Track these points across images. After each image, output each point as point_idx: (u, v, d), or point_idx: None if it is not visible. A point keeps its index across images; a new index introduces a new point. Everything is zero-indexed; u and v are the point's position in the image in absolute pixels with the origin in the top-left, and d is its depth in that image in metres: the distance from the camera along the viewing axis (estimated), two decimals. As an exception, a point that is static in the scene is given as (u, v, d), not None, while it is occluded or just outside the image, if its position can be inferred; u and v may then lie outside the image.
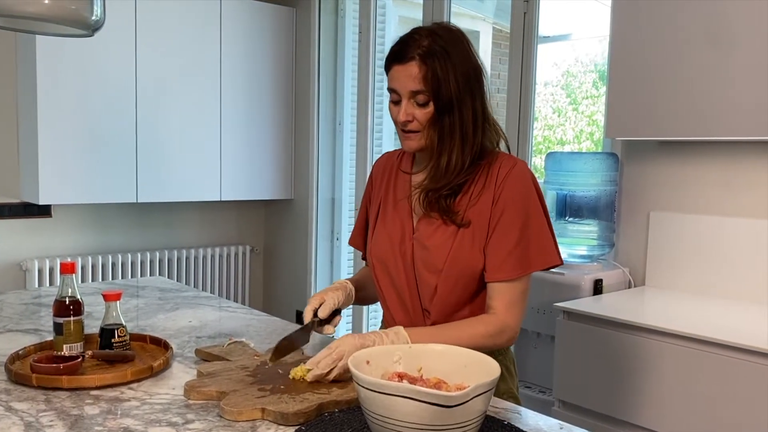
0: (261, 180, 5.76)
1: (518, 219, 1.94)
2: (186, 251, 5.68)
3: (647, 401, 2.81)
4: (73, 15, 2.03)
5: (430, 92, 1.89)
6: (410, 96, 1.92)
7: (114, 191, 4.96)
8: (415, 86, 1.90)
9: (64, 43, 4.48)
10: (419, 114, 1.93)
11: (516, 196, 1.95)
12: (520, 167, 1.99)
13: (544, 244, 1.97)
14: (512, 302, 1.95)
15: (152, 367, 1.86)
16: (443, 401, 1.31)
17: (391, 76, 1.95)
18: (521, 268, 1.94)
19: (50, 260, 5.01)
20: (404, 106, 1.93)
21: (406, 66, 1.90)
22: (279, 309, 6.06)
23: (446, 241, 1.98)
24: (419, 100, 1.91)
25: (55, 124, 4.63)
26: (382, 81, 5.29)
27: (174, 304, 2.80)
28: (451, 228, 1.98)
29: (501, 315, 1.94)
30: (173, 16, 5.10)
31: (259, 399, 1.63)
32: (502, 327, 1.93)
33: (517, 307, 1.97)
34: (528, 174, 2.00)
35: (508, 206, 1.94)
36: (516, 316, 1.97)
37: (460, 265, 1.96)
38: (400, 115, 1.94)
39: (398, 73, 1.92)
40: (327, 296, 2.04)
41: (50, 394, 1.71)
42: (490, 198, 1.96)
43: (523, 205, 1.95)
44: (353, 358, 1.52)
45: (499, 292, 1.95)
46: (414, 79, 1.89)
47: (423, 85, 1.89)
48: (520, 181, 1.97)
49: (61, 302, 1.96)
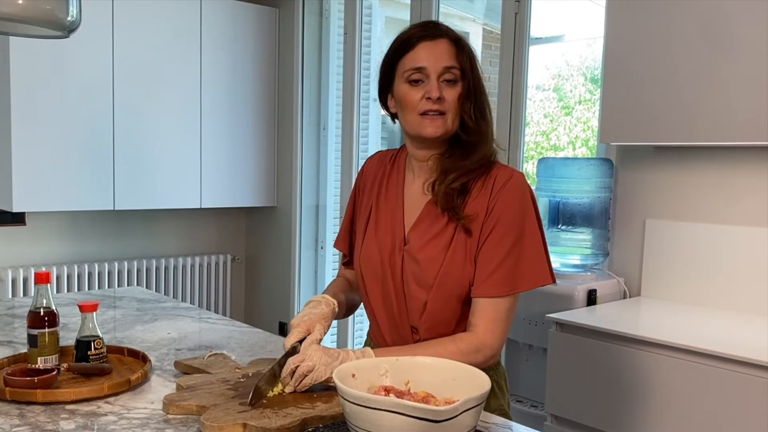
0: (242, 187, 5.76)
1: (511, 233, 1.92)
2: (165, 260, 5.67)
3: (642, 416, 2.82)
4: (48, 16, 2.03)
5: (461, 71, 1.91)
6: (442, 72, 1.91)
7: (90, 198, 4.94)
8: (448, 61, 1.91)
9: (38, 44, 4.46)
10: (449, 93, 1.92)
11: (510, 209, 1.93)
12: (517, 179, 1.98)
13: (535, 261, 1.94)
14: (494, 320, 1.92)
15: (130, 380, 1.86)
16: (431, 416, 1.31)
17: (417, 54, 1.93)
18: (508, 285, 1.91)
19: (24, 269, 4.98)
20: (434, 83, 1.91)
21: (437, 42, 1.92)
22: (261, 320, 6.06)
23: (438, 255, 1.96)
24: (449, 77, 1.92)
25: (29, 128, 4.62)
26: (368, 84, 5.30)
27: (152, 315, 2.80)
28: (444, 240, 1.96)
29: (480, 333, 1.91)
30: (152, 17, 5.09)
31: (240, 414, 1.63)
32: (478, 346, 1.90)
33: (500, 326, 1.93)
34: (525, 186, 1.98)
35: (501, 219, 1.92)
36: (497, 335, 1.92)
37: (451, 281, 1.94)
38: (433, 90, 1.91)
39: (427, 49, 1.92)
40: (315, 328, 1.92)
41: (24, 409, 1.71)
42: (484, 209, 1.94)
43: (517, 219, 1.93)
44: (338, 372, 1.52)
45: (482, 308, 1.92)
46: (447, 53, 1.91)
47: (455, 62, 1.91)
48: (517, 193, 1.95)
49: (36, 313, 1.96)
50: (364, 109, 5.33)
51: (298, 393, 1.78)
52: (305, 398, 1.75)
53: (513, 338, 3.54)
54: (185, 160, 5.37)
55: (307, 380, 1.76)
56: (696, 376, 2.65)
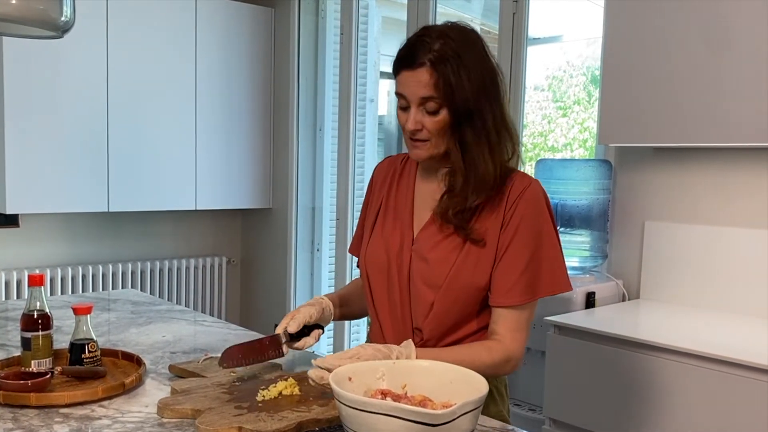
0: (238, 188, 5.76)
1: (530, 242, 1.92)
2: (160, 263, 5.67)
3: (642, 419, 2.82)
4: (42, 16, 2.03)
5: (443, 99, 1.86)
6: (420, 103, 1.88)
7: (84, 200, 4.94)
8: (425, 92, 1.86)
9: (32, 45, 4.46)
10: (429, 122, 1.89)
11: (528, 218, 1.93)
12: (534, 188, 1.96)
13: (554, 269, 1.95)
14: (517, 329, 1.94)
15: (124, 383, 1.86)
16: (428, 419, 1.31)
17: (400, 81, 1.91)
18: (530, 294, 1.92)
19: (18, 272, 4.98)
20: (413, 113, 1.89)
21: (416, 72, 1.86)
22: (257, 323, 6.05)
23: (449, 255, 1.95)
24: (429, 108, 1.88)
25: (22, 129, 4.62)
26: (364, 85, 5.30)
27: (147, 318, 2.80)
28: (456, 242, 1.96)
29: (507, 343, 1.92)
30: (146, 17, 5.10)
31: (236, 417, 1.63)
32: (507, 356, 1.92)
33: (522, 334, 1.95)
34: (542, 195, 1.97)
35: (520, 229, 1.92)
36: (520, 343, 1.95)
37: (461, 282, 1.94)
38: (409, 123, 1.90)
39: (407, 78, 1.89)
40: (299, 311, 2.02)
41: (18, 412, 1.71)
42: (500, 218, 1.94)
43: (535, 228, 1.93)
44: (334, 375, 1.52)
45: (504, 317, 1.93)
46: (424, 85, 1.86)
47: (434, 92, 1.85)
48: (534, 202, 1.95)
49: (29, 316, 1.96)
50: (361, 110, 5.33)
51: (293, 396, 1.79)
52: (301, 401, 1.75)
53: (511, 341, 3.54)
54: (180, 162, 5.37)
55: None
56: (695, 379, 2.65)
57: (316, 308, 2.06)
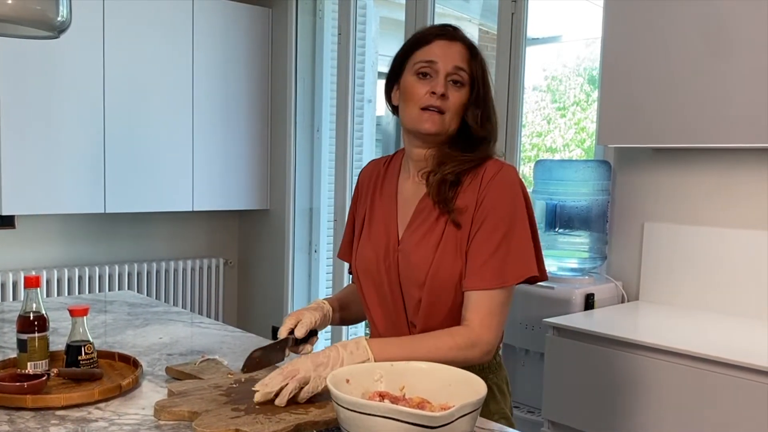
0: (235, 189, 5.75)
1: (501, 226, 1.92)
2: (156, 264, 5.66)
3: (641, 422, 2.82)
4: (38, 16, 2.03)
5: (470, 76, 1.98)
6: (451, 71, 1.96)
7: (81, 201, 4.94)
8: (460, 62, 1.97)
9: (28, 45, 4.46)
10: (453, 94, 1.97)
11: (500, 202, 1.94)
12: (507, 171, 1.98)
13: (523, 255, 1.94)
14: (489, 314, 1.90)
15: (121, 385, 1.86)
16: (427, 422, 1.31)
17: (431, 49, 1.99)
18: (498, 278, 1.91)
19: (14, 273, 4.98)
20: (441, 79, 1.96)
21: (453, 44, 1.99)
22: (254, 325, 6.05)
23: (428, 254, 1.97)
24: (457, 78, 1.96)
25: (18, 130, 4.61)
26: (362, 86, 5.30)
27: (144, 319, 2.80)
28: (434, 238, 1.97)
29: (475, 328, 1.89)
30: (143, 17, 5.09)
31: (233, 419, 1.63)
32: (474, 340, 1.88)
33: (494, 320, 1.91)
34: (515, 179, 1.99)
35: (491, 212, 1.93)
36: (492, 329, 1.91)
37: (442, 277, 1.95)
38: (438, 86, 1.95)
39: (443, 48, 1.98)
40: (304, 315, 2.02)
41: (14, 415, 1.70)
42: (474, 201, 1.95)
43: (507, 212, 1.94)
44: (332, 377, 1.52)
45: (475, 302, 1.92)
46: (460, 55, 1.97)
47: (466, 66, 1.97)
48: (506, 186, 1.96)
49: (25, 318, 1.96)
50: (359, 110, 5.33)
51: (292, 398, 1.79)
52: (299, 404, 1.75)
53: (510, 343, 3.54)
54: (177, 163, 5.37)
55: (304, 393, 1.74)
56: (694, 381, 2.65)
57: (320, 313, 2.08)
